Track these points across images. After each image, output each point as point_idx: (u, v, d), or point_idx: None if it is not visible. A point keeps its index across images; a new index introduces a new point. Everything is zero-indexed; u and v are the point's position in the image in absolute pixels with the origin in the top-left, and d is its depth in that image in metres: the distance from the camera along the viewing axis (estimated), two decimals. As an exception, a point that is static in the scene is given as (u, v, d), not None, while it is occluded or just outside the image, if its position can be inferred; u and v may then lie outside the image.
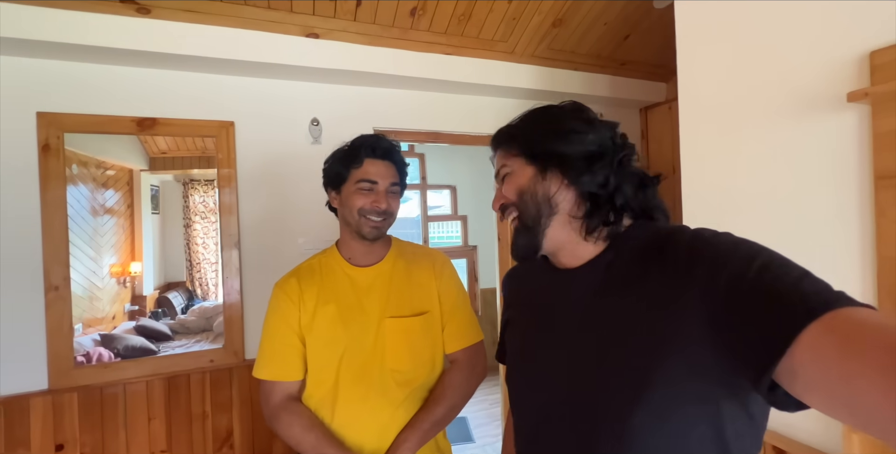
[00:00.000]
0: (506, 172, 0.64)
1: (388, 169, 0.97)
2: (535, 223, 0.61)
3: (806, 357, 0.37)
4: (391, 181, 0.97)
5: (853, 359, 0.35)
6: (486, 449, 2.69)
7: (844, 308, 0.38)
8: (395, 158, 0.99)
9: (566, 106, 0.64)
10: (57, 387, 1.53)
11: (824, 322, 0.37)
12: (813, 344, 0.37)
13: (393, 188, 0.98)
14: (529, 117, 0.66)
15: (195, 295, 2.11)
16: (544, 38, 2.08)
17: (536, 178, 0.61)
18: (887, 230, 0.98)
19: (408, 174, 1.05)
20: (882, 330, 0.35)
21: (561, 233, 0.60)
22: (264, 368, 0.98)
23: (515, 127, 0.66)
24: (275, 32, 1.72)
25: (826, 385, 0.36)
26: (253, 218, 1.85)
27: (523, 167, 0.62)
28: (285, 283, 1.01)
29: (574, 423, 0.55)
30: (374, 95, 2.06)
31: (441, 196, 4.15)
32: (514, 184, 0.63)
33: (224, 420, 1.75)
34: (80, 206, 1.69)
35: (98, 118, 1.62)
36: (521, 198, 0.62)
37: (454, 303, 1.06)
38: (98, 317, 1.76)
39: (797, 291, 0.40)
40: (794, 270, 0.43)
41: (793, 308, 0.39)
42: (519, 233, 0.63)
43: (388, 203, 0.96)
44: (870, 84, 0.99)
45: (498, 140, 0.67)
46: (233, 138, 1.81)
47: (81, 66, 1.61)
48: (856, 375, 0.34)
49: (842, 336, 0.36)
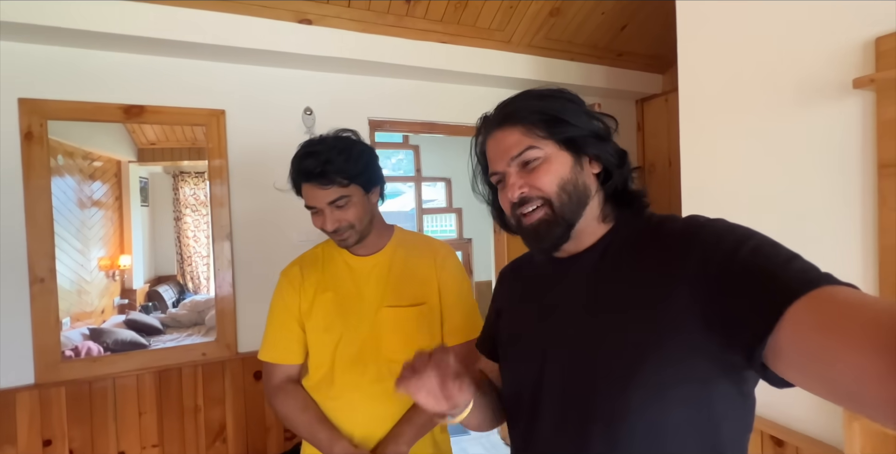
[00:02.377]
0: (535, 157, 0.57)
1: (320, 190, 0.90)
2: (573, 216, 0.57)
3: (788, 334, 0.38)
4: (328, 201, 0.91)
5: (831, 335, 0.36)
6: (481, 440, 2.70)
7: (827, 286, 0.39)
8: (326, 176, 0.89)
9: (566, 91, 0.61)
10: (44, 381, 1.50)
11: (807, 300, 0.38)
12: (794, 321, 0.38)
13: (337, 203, 0.92)
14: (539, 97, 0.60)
15: (186, 288, 2.07)
16: (541, 28, 2.05)
17: (576, 168, 0.57)
18: (889, 219, 0.98)
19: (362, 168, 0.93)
20: (860, 307, 0.36)
21: (584, 223, 0.59)
22: (266, 351, 1.02)
23: (532, 106, 0.58)
24: (267, 18, 1.68)
25: (805, 361, 0.37)
26: (245, 210, 1.81)
27: (559, 153, 0.57)
28: (289, 271, 1.05)
29: (570, 403, 0.55)
30: (369, 84, 2.02)
31: (436, 189, 4.12)
32: (553, 174, 0.56)
33: (217, 413, 1.72)
34: (67, 197, 1.65)
35: (83, 105, 1.57)
36: (563, 190, 0.56)
37: (456, 297, 1.05)
38: (87, 311, 1.73)
39: (784, 271, 0.41)
40: (784, 252, 0.44)
41: (780, 286, 0.40)
42: (550, 224, 0.57)
43: (332, 223, 0.92)
44: (875, 70, 0.98)
45: (514, 116, 0.58)
46: (224, 127, 1.76)
47: (66, 51, 1.56)
48: (833, 350, 0.35)
49: (822, 313, 0.37)
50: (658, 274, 0.51)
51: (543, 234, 0.58)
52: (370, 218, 0.98)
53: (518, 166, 0.58)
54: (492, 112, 0.63)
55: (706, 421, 0.48)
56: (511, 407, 0.66)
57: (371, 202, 0.98)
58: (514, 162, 0.58)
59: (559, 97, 0.60)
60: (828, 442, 1.09)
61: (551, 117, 0.57)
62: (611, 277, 0.56)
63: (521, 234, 0.61)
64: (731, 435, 0.50)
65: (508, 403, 0.67)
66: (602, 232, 0.60)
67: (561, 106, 0.58)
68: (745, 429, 0.52)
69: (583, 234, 0.60)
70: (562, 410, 0.56)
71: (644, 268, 0.53)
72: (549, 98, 0.59)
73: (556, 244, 0.59)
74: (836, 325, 0.36)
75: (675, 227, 0.54)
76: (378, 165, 1.00)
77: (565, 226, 0.57)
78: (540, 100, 0.59)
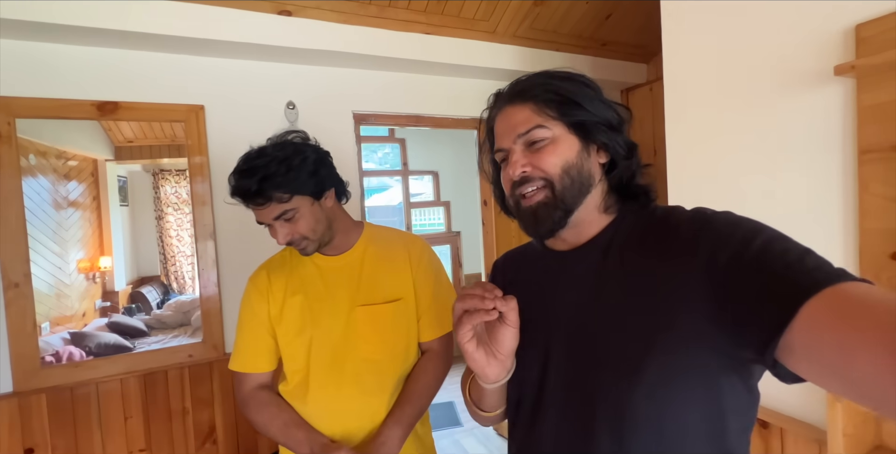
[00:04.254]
0: (543, 136, 0.56)
1: (262, 209, 0.88)
2: (573, 201, 0.56)
3: (804, 331, 0.38)
4: (273, 216, 0.89)
5: (849, 333, 0.35)
6: (474, 432, 2.71)
7: (843, 283, 0.38)
8: (263, 194, 0.86)
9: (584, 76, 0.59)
10: (23, 389, 1.46)
11: (823, 297, 0.38)
12: (811, 318, 0.38)
13: (284, 217, 0.89)
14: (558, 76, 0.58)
15: (171, 289, 2.03)
16: (526, 17, 2.03)
17: (582, 154, 0.56)
18: (870, 203, 1.00)
19: (305, 178, 0.89)
20: (878, 305, 0.35)
21: (584, 212, 0.58)
22: (236, 360, 1.01)
23: (545, 84, 0.57)
24: (244, 9, 1.63)
25: (822, 358, 0.37)
26: (228, 207, 1.77)
27: (567, 136, 0.56)
28: (256, 277, 1.03)
29: (575, 399, 0.55)
30: (352, 77, 1.98)
31: (423, 183, 4.09)
32: (558, 156, 0.55)
33: (206, 415, 1.70)
34: (41, 198, 1.59)
35: (53, 102, 1.51)
36: (567, 173, 0.55)
37: (432, 292, 1.04)
38: (67, 315, 1.68)
39: (798, 268, 0.41)
40: (796, 247, 0.43)
41: (794, 283, 0.40)
42: (549, 207, 0.56)
43: (283, 237, 0.90)
44: (855, 57, 0.99)
45: (527, 93, 0.57)
46: (203, 123, 1.72)
47: (34, 46, 1.49)
48: (850, 348, 0.35)
49: (839, 310, 0.36)
50: (665, 268, 0.50)
51: (542, 217, 0.56)
52: (326, 223, 0.95)
53: (524, 144, 0.57)
54: (506, 88, 0.61)
55: (713, 415, 0.48)
56: (514, 403, 0.65)
57: (325, 208, 0.95)
58: (521, 139, 0.57)
59: (577, 80, 0.58)
60: (812, 422, 1.12)
61: (565, 98, 0.55)
62: (615, 271, 0.55)
63: (518, 217, 0.60)
64: (737, 428, 0.50)
65: (511, 399, 0.66)
66: (604, 223, 0.59)
67: (577, 89, 0.57)
68: (750, 423, 0.52)
69: (583, 224, 0.59)
70: (567, 406, 0.55)
71: (650, 261, 0.52)
72: (567, 80, 0.58)
73: (553, 229, 0.57)
74: (852, 323, 0.36)
75: (681, 219, 0.53)
76: (329, 168, 0.96)
77: (564, 210, 0.56)
78: (557, 80, 0.58)
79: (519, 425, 0.64)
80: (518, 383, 0.63)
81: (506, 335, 0.54)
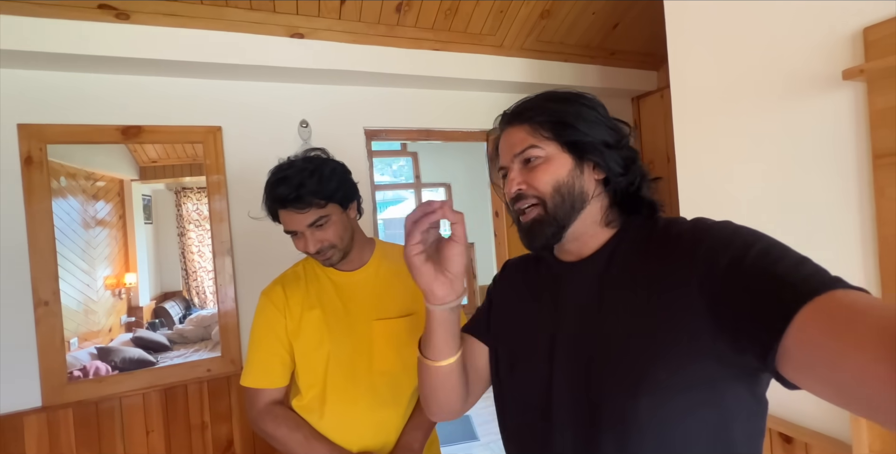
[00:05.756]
0: (536, 155, 0.58)
1: (297, 215, 0.90)
2: (566, 217, 0.58)
3: (797, 338, 0.38)
4: (307, 223, 0.90)
5: (840, 340, 0.35)
6: (490, 446, 2.67)
7: (837, 290, 0.38)
8: (302, 200, 0.89)
9: (586, 94, 0.61)
10: (51, 403, 1.51)
11: (817, 304, 0.38)
12: (804, 325, 0.38)
13: (317, 223, 0.91)
14: (553, 99, 0.60)
15: (192, 304, 2.08)
16: (532, 31, 2.05)
17: (575, 172, 0.58)
18: (887, 209, 0.97)
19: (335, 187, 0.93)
20: (868, 312, 0.36)
21: (581, 227, 0.60)
22: (249, 376, 0.99)
23: (542, 106, 0.60)
24: (258, 34, 1.70)
25: (814, 365, 0.37)
26: (245, 224, 1.82)
27: (560, 155, 0.58)
28: (271, 291, 1.02)
29: (579, 410, 0.55)
30: (363, 94, 2.03)
31: (436, 194, 4.12)
32: (550, 175, 0.57)
33: (224, 429, 1.73)
34: (71, 218, 1.66)
35: (81, 128, 1.60)
36: (558, 192, 0.57)
37: None
38: (94, 331, 1.74)
39: (794, 274, 0.41)
40: (793, 255, 0.44)
41: (789, 291, 0.40)
42: (542, 224, 0.58)
43: (314, 245, 0.92)
44: (864, 61, 0.97)
45: (520, 116, 0.60)
46: (220, 143, 1.78)
47: (62, 76, 1.59)
48: (839, 355, 0.35)
49: (830, 317, 0.37)
50: (666, 278, 0.51)
51: (536, 233, 0.59)
52: (350, 234, 0.97)
53: (520, 163, 0.60)
54: (510, 108, 0.65)
55: (718, 424, 0.48)
56: (518, 412, 0.64)
57: (350, 218, 0.98)
58: (517, 158, 0.60)
59: (574, 101, 0.60)
60: (836, 437, 1.07)
61: (558, 120, 0.58)
62: (618, 281, 0.55)
63: (518, 230, 0.63)
64: (744, 438, 0.49)
65: (515, 409, 0.65)
66: (607, 236, 0.60)
67: (573, 109, 0.59)
68: (759, 433, 0.51)
69: (584, 237, 0.60)
70: (571, 416, 0.55)
71: (651, 272, 0.53)
72: (563, 101, 0.60)
73: (546, 244, 0.59)
74: (845, 330, 0.36)
75: (681, 230, 0.54)
76: (352, 181, 0.99)
77: (557, 226, 0.58)
78: (554, 102, 0.60)
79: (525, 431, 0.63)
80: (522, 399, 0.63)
81: (453, 252, 0.55)
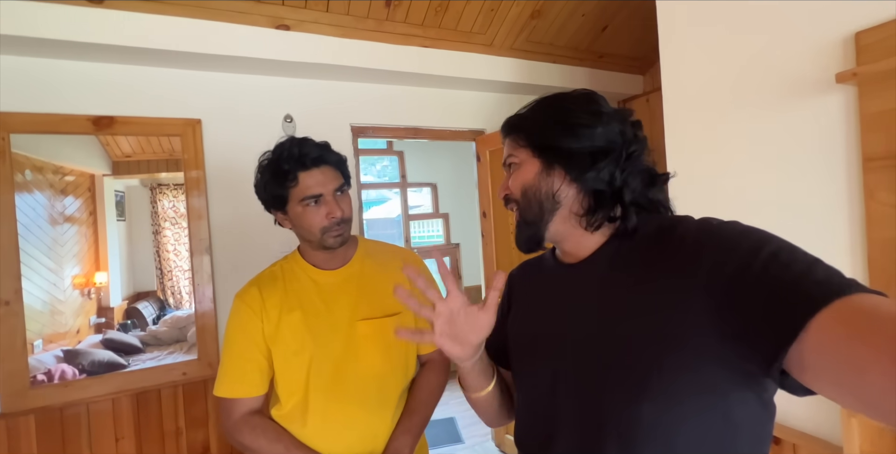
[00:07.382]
0: (513, 162, 0.63)
1: (325, 174, 0.88)
2: (536, 219, 0.60)
3: (815, 344, 0.37)
4: (334, 186, 0.88)
5: (861, 347, 0.35)
6: (475, 449, 2.65)
7: (855, 295, 0.37)
8: (329, 160, 0.89)
9: (578, 96, 0.62)
10: (11, 410, 1.42)
11: (834, 309, 0.37)
12: (822, 331, 0.37)
13: (341, 189, 0.91)
14: (539, 106, 0.63)
15: (167, 304, 2.00)
16: (523, 30, 2.04)
17: (541, 174, 0.60)
18: (877, 212, 0.98)
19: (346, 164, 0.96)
20: (890, 317, 0.34)
21: (563, 227, 0.60)
22: (224, 386, 0.92)
23: (525, 116, 0.64)
24: (242, 24, 1.64)
25: (834, 372, 0.37)
26: (224, 222, 1.75)
27: (530, 160, 0.61)
28: (246, 294, 0.95)
29: (584, 415, 0.54)
30: (350, 90, 1.99)
31: (421, 195, 4.09)
32: (519, 179, 0.62)
33: (200, 435, 1.66)
34: (37, 214, 1.58)
35: (48, 117, 1.51)
36: (525, 195, 0.61)
37: None
38: (61, 332, 1.65)
39: (807, 279, 0.40)
40: (804, 258, 0.42)
41: (802, 296, 0.39)
42: (520, 227, 0.63)
43: (341, 209, 0.89)
44: (856, 65, 0.98)
45: (507, 128, 0.66)
46: (200, 137, 1.71)
47: (29, 61, 1.50)
48: (864, 362, 0.34)
49: (851, 323, 0.36)
50: (670, 280, 0.49)
51: (518, 235, 0.64)
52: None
53: (507, 170, 0.65)
54: None
55: (723, 430, 0.47)
56: (524, 418, 0.65)
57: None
58: (505, 166, 0.66)
59: (552, 106, 0.61)
60: (826, 438, 1.08)
61: (527, 128, 0.62)
62: (620, 283, 0.54)
63: None
64: (750, 444, 0.49)
65: (522, 414, 0.66)
66: (601, 236, 0.59)
67: (546, 117, 0.61)
68: (765, 438, 0.50)
69: (574, 237, 0.60)
70: (577, 422, 0.55)
71: (655, 273, 0.51)
72: (544, 109, 0.62)
73: (527, 245, 0.62)
74: (862, 336, 0.35)
75: (687, 230, 0.52)
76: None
77: (532, 228, 0.61)
78: (534, 111, 0.63)
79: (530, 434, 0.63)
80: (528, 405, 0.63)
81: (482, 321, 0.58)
